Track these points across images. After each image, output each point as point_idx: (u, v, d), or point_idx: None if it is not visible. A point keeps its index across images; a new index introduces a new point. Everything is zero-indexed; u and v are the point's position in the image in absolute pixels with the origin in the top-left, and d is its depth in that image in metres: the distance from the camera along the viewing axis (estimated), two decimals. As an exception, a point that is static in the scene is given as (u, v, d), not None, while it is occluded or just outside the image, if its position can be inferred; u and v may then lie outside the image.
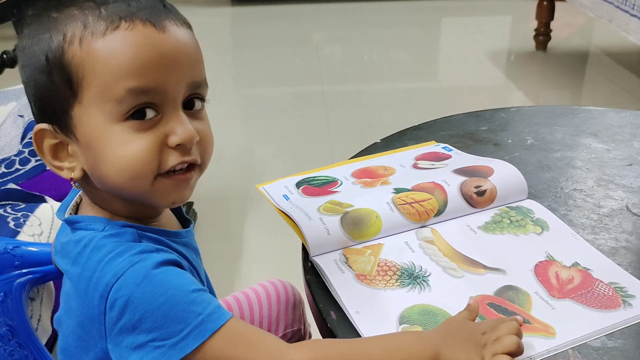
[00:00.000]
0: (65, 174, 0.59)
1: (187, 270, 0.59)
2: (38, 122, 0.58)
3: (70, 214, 0.64)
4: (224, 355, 0.53)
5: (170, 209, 0.69)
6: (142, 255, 0.54)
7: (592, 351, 0.59)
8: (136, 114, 0.55)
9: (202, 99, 0.60)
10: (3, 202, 1.07)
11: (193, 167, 0.59)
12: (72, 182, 0.59)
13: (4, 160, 1.17)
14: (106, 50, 0.53)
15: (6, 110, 1.29)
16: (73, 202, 0.65)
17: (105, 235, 0.57)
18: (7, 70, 1.70)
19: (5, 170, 1.14)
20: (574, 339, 0.60)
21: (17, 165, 1.15)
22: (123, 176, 0.56)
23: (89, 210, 0.62)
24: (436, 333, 0.58)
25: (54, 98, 0.56)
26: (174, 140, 0.56)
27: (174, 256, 0.57)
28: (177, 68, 0.55)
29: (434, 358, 0.55)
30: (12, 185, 1.11)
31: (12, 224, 0.99)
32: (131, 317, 0.53)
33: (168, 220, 0.67)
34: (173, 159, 0.56)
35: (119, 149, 0.55)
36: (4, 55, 1.66)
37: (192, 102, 0.59)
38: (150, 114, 0.55)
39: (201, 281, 0.65)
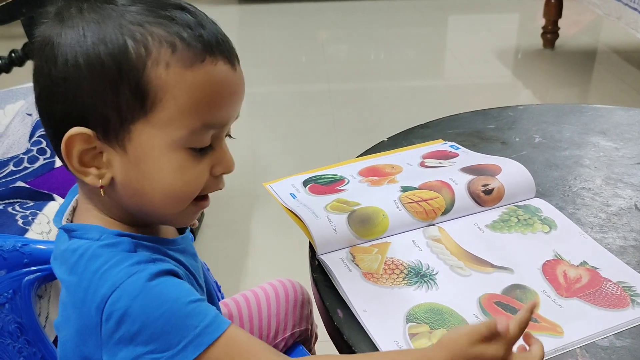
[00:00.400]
0: (90, 180, 0.57)
1: (185, 278, 0.58)
2: (64, 124, 0.54)
3: (67, 219, 0.63)
4: None
5: None
6: (138, 266, 0.54)
7: (600, 350, 0.59)
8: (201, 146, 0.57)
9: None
10: (12, 200, 1.08)
11: None
12: (100, 189, 0.57)
13: (12, 158, 1.18)
14: (192, 82, 0.54)
15: (14, 109, 1.30)
16: (70, 208, 0.64)
17: (101, 245, 0.56)
18: (15, 69, 1.71)
19: (14, 169, 1.15)
20: (582, 338, 0.60)
21: (25, 164, 1.16)
22: (168, 198, 0.57)
23: (85, 216, 0.61)
24: (439, 347, 0.55)
25: (113, 107, 0.53)
26: (219, 170, 0.59)
27: (170, 266, 0.56)
28: (237, 104, 0.58)
29: None
30: (20, 184, 1.12)
31: (20, 222, 1.00)
32: (128, 329, 0.52)
33: (165, 226, 0.67)
34: (212, 186, 0.60)
35: (174, 174, 0.56)
36: (12, 54, 1.67)
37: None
38: (207, 143, 0.57)
39: (200, 286, 0.64)
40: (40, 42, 0.55)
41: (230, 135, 0.62)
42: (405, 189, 0.80)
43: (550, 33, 3.14)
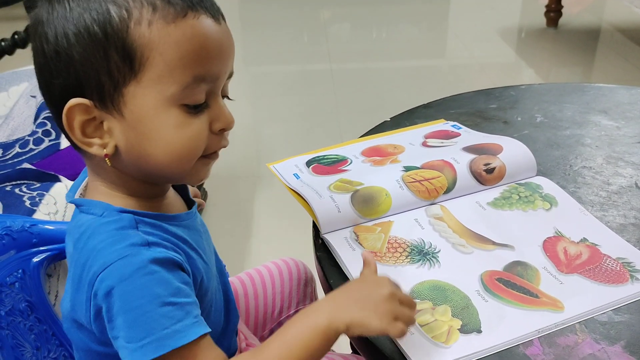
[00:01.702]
0: (95, 150, 0.58)
1: (183, 257, 0.59)
2: (63, 96, 0.56)
3: (79, 194, 0.65)
4: None
5: (176, 190, 0.70)
6: (132, 248, 0.55)
7: (599, 325, 0.60)
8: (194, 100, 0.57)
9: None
10: (19, 182, 1.09)
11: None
12: (106, 158, 0.58)
13: (18, 140, 1.18)
14: (176, 36, 0.55)
15: (18, 91, 1.31)
16: (83, 184, 0.66)
17: (102, 222, 0.57)
18: (18, 51, 1.71)
19: (20, 150, 1.16)
20: (582, 313, 0.61)
21: (31, 145, 1.16)
22: (172, 157, 0.58)
23: (93, 192, 0.63)
24: (325, 300, 0.59)
25: (105, 72, 0.55)
26: (218, 126, 0.59)
27: (164, 253, 0.56)
28: (226, 58, 0.59)
29: (331, 325, 0.56)
30: (27, 165, 1.13)
31: (28, 203, 1.01)
32: (109, 308, 0.54)
33: (172, 201, 0.68)
34: (216, 144, 0.61)
35: (174, 132, 0.57)
36: (15, 36, 1.66)
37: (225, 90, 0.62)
38: (202, 99, 0.58)
39: (205, 262, 0.65)
40: (33, 23, 0.57)
41: (228, 97, 0.63)
42: (407, 169, 0.81)
43: (554, 12, 3.12)
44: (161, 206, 0.65)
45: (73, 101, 0.55)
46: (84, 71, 0.55)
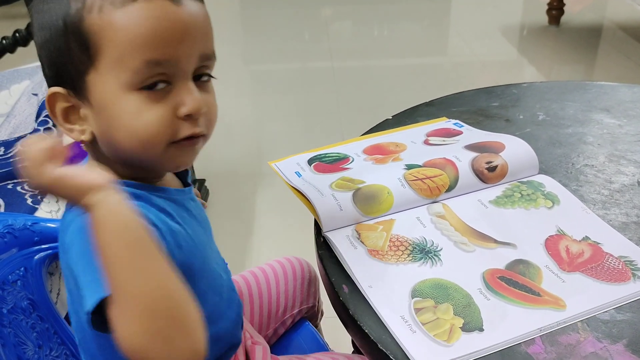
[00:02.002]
0: (75, 136, 0.60)
1: (162, 225, 0.58)
2: (51, 85, 0.59)
3: None
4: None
5: (175, 174, 0.70)
6: None
7: (601, 324, 0.60)
8: (150, 83, 0.56)
9: (210, 72, 0.62)
10: (20, 180, 1.09)
11: (198, 136, 0.61)
12: (82, 144, 0.61)
13: (19, 138, 1.18)
14: (125, 21, 0.54)
15: (20, 89, 1.31)
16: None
17: None
18: (19, 49, 1.71)
19: (21, 148, 1.16)
20: (584, 311, 0.61)
21: (32, 143, 1.16)
22: (134, 143, 0.57)
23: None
24: None
25: (70, 62, 0.57)
26: (183, 110, 0.57)
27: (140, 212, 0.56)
28: (190, 40, 0.57)
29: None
30: (28, 163, 1.13)
31: (29, 201, 1.01)
32: (65, 263, 0.55)
33: (169, 182, 0.68)
34: (184, 131, 0.58)
35: (133, 117, 0.56)
36: (17, 34, 1.66)
37: (200, 74, 0.60)
38: (160, 85, 0.57)
39: (189, 235, 0.63)
40: (30, 22, 0.61)
41: (210, 75, 0.62)
42: (409, 167, 0.81)
43: (556, 9, 3.12)
44: (152, 182, 0.65)
45: (51, 89, 0.59)
46: (57, 62, 0.58)
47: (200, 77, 0.61)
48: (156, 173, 0.65)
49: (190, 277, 0.63)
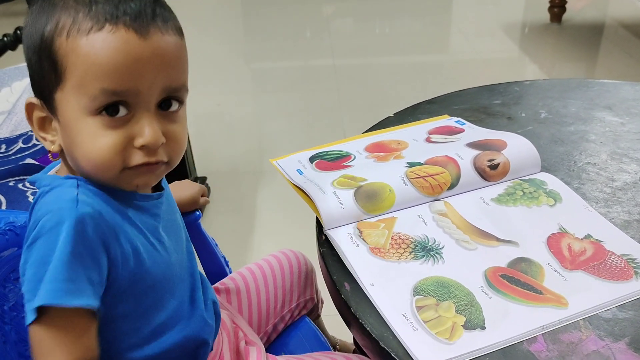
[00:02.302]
0: (47, 145, 0.63)
1: (110, 236, 0.59)
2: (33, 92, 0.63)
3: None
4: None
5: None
6: (59, 203, 0.57)
7: (603, 322, 0.60)
8: (109, 110, 0.58)
9: (180, 101, 0.62)
10: (22, 177, 1.09)
11: (157, 163, 0.61)
12: (49, 155, 0.65)
13: (21, 135, 1.18)
14: (87, 49, 0.56)
15: (21, 87, 1.31)
16: (57, 167, 0.68)
17: (49, 189, 0.60)
18: (20, 47, 1.71)
19: (23, 146, 1.16)
20: (586, 309, 0.61)
21: (34, 141, 1.16)
22: (89, 165, 0.60)
23: (60, 171, 0.66)
24: None
25: (42, 78, 0.59)
26: (139, 142, 0.59)
27: (93, 208, 0.58)
28: (152, 74, 0.58)
29: None
30: (30, 160, 1.13)
31: (31, 199, 1.01)
32: (24, 261, 0.58)
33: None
34: (137, 158, 0.59)
35: (89, 141, 0.58)
36: (18, 31, 1.66)
37: (168, 103, 0.61)
38: (122, 112, 0.58)
39: (150, 245, 0.64)
40: None
41: (179, 101, 0.62)
42: (411, 165, 0.80)
43: (558, 7, 3.11)
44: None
45: (28, 99, 0.62)
46: (32, 75, 0.61)
47: (169, 107, 0.61)
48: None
49: (149, 282, 0.64)
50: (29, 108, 0.62)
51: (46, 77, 0.59)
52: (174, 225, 0.71)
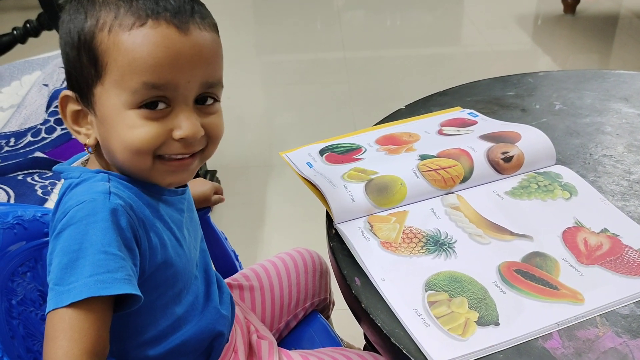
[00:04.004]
0: (81, 139, 0.64)
1: (139, 228, 0.60)
2: (67, 88, 0.63)
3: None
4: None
5: None
6: (91, 194, 0.58)
7: (620, 318, 0.59)
8: (149, 104, 0.59)
9: (215, 98, 0.64)
10: (31, 171, 1.08)
11: (195, 154, 0.63)
12: (85, 148, 0.65)
13: (30, 129, 1.18)
14: (129, 44, 0.57)
15: (31, 80, 1.30)
16: (83, 158, 0.68)
17: (79, 181, 0.61)
18: (30, 40, 1.71)
19: (32, 139, 1.16)
20: (602, 305, 0.60)
21: (43, 134, 1.16)
22: (125, 154, 0.60)
23: (90, 164, 0.66)
24: None
25: (80, 73, 0.60)
26: (178, 134, 0.60)
27: (122, 208, 0.58)
28: (190, 69, 0.59)
29: None
30: (39, 154, 1.13)
31: (39, 192, 1.00)
32: (51, 250, 0.58)
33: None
34: (174, 148, 0.61)
35: (127, 131, 0.59)
36: (27, 25, 1.66)
37: (205, 98, 0.62)
38: (161, 105, 0.59)
39: (176, 240, 0.65)
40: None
41: (215, 99, 0.63)
42: (423, 157, 0.79)
43: (571, -3, 3.07)
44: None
45: (64, 92, 0.63)
46: (69, 69, 0.62)
47: (205, 101, 0.63)
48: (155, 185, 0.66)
49: (172, 277, 0.65)
50: (63, 101, 0.63)
51: (85, 71, 0.60)
52: (193, 222, 0.73)
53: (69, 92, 0.62)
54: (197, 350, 0.71)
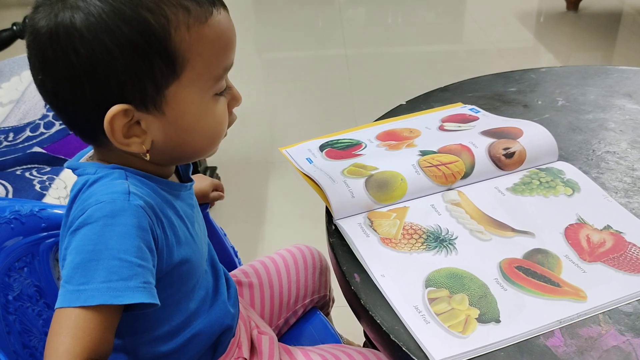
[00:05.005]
0: (134, 148, 0.59)
1: (157, 225, 0.59)
2: (103, 104, 0.56)
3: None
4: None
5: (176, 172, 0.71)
6: (111, 195, 0.56)
7: (623, 316, 0.58)
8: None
9: None
10: (29, 166, 1.08)
11: None
12: (144, 155, 0.60)
13: (29, 124, 1.18)
14: (212, 35, 0.58)
15: (29, 75, 1.30)
16: (89, 153, 0.66)
17: (96, 177, 0.59)
18: (30, 35, 1.70)
19: (31, 134, 1.15)
20: (605, 303, 0.59)
21: (41, 129, 1.16)
22: (209, 140, 0.63)
23: (97, 160, 0.64)
24: None
25: (149, 77, 0.56)
26: (233, 104, 0.65)
27: (141, 208, 0.57)
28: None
29: None
30: (37, 149, 1.12)
31: (38, 187, 1.00)
32: (67, 245, 0.56)
33: (172, 178, 0.70)
34: (231, 120, 0.66)
35: (210, 119, 0.62)
36: (27, 20, 1.66)
37: None
38: (224, 86, 0.63)
39: (190, 234, 0.65)
40: (47, 32, 0.55)
41: None
42: (424, 153, 0.78)
43: (574, -6, 3.06)
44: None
45: (116, 108, 0.56)
46: (127, 79, 0.56)
47: None
48: (167, 171, 0.66)
49: (187, 272, 0.64)
50: (113, 120, 0.56)
51: (156, 76, 0.56)
52: (199, 216, 0.72)
53: (124, 106, 0.56)
54: (206, 345, 0.70)
